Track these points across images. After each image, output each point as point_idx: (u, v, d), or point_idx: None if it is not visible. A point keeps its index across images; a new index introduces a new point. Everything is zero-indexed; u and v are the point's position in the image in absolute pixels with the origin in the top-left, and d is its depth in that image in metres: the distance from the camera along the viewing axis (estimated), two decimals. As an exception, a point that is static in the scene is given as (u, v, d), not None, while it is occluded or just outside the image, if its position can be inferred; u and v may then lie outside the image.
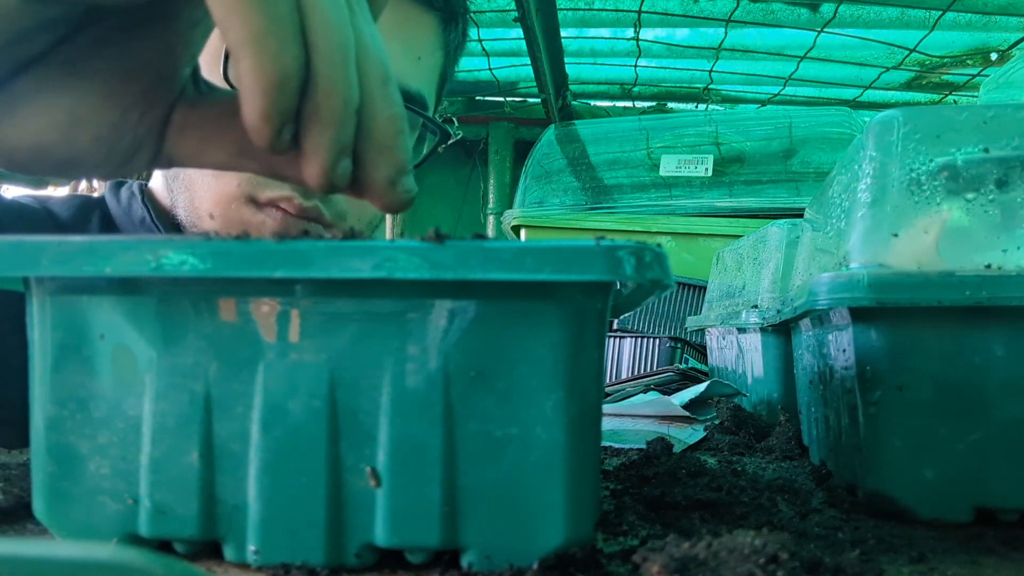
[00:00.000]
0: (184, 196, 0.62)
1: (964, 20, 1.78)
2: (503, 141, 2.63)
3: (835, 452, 0.48)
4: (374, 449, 0.30)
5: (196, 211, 0.61)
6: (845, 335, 0.42)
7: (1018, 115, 0.40)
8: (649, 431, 0.69)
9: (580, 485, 0.30)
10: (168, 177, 0.64)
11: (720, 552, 0.27)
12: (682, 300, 1.51)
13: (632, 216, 1.70)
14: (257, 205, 0.60)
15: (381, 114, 0.32)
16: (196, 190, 0.61)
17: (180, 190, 0.63)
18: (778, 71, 2.06)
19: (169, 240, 0.29)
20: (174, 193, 0.64)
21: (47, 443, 0.31)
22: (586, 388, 0.30)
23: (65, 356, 0.31)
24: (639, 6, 1.72)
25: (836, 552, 0.33)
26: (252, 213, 0.59)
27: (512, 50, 2.00)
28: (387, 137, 0.33)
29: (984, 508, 0.39)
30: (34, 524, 0.35)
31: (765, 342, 0.75)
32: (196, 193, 0.61)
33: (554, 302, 0.30)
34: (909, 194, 0.41)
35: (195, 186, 0.61)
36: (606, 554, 0.32)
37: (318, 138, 0.31)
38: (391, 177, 0.33)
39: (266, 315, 0.30)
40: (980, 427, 0.39)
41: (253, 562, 0.31)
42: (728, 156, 1.84)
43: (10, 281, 0.31)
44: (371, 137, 0.32)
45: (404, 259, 0.28)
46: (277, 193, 0.59)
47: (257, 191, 0.59)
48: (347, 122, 0.31)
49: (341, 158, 0.32)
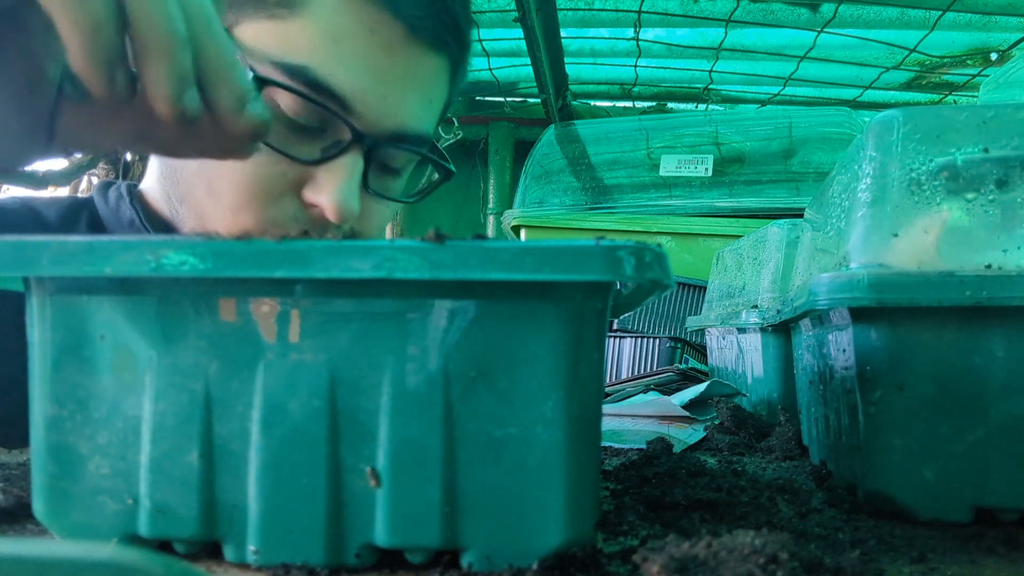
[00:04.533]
0: (194, 222, 0.61)
1: (964, 20, 1.78)
2: (503, 141, 2.63)
3: (835, 452, 0.48)
4: (374, 449, 0.30)
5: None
6: (845, 335, 0.42)
7: (1018, 115, 0.40)
8: (649, 431, 0.69)
9: (580, 485, 0.30)
10: (172, 197, 0.64)
11: (720, 552, 0.27)
12: (682, 300, 1.51)
13: (632, 216, 1.70)
14: None
15: (210, 47, 0.36)
16: (209, 221, 0.60)
17: (189, 215, 0.62)
18: (778, 71, 2.06)
19: (169, 240, 0.29)
20: (180, 215, 0.63)
21: (47, 443, 0.31)
22: (586, 388, 0.30)
23: (65, 356, 0.31)
24: (639, 6, 1.72)
25: (836, 552, 0.33)
26: None
27: (512, 50, 2.00)
28: (221, 67, 0.36)
29: (984, 508, 0.39)
30: (34, 524, 0.35)
31: (765, 342, 0.75)
32: (209, 223, 0.60)
33: (554, 302, 0.30)
34: (909, 194, 0.41)
35: (208, 217, 0.60)
36: (606, 554, 0.32)
37: (153, 72, 0.34)
38: (235, 103, 0.37)
39: (266, 315, 0.30)
40: (980, 427, 0.39)
41: (253, 562, 0.31)
42: (728, 156, 1.84)
43: (10, 281, 0.31)
44: (206, 69, 0.36)
45: (404, 259, 0.28)
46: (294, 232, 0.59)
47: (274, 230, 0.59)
48: (178, 52, 0.34)
49: (184, 87, 0.35)
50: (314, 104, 0.56)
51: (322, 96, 0.56)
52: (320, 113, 0.57)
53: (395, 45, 0.58)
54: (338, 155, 0.58)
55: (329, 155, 0.58)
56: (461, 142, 2.20)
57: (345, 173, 0.57)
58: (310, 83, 0.56)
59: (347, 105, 0.57)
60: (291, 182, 0.58)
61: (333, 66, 0.56)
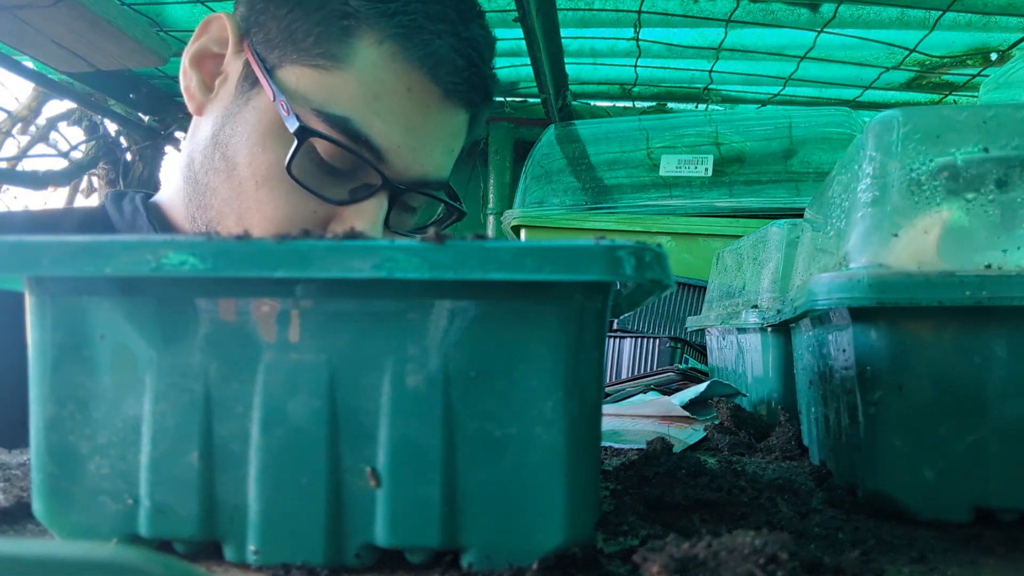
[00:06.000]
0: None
1: (964, 20, 1.78)
2: (503, 141, 2.63)
3: (835, 452, 0.48)
4: (374, 449, 0.30)
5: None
6: (845, 335, 0.42)
7: (1018, 115, 0.40)
8: (649, 431, 0.69)
9: (580, 485, 0.30)
10: (199, 220, 0.65)
11: (720, 552, 0.27)
12: (682, 300, 1.51)
13: (632, 216, 1.70)
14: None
15: None
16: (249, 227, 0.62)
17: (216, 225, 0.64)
18: (778, 71, 2.05)
19: (169, 240, 0.29)
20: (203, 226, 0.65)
21: (47, 443, 0.31)
22: (586, 388, 0.30)
23: (65, 356, 0.31)
24: (639, 6, 1.71)
25: (836, 552, 0.33)
26: None
27: (512, 50, 2.00)
28: None
29: (984, 508, 0.39)
30: (34, 524, 0.35)
31: (765, 342, 0.75)
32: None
33: (554, 302, 0.30)
34: (909, 194, 0.41)
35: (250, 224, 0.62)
36: (606, 554, 0.32)
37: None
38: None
39: (266, 315, 0.30)
40: (980, 427, 0.39)
41: (253, 562, 0.31)
42: (728, 156, 1.84)
43: (10, 281, 0.31)
44: None
45: (404, 259, 0.28)
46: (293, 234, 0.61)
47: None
48: None
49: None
50: (351, 153, 0.60)
51: (359, 146, 0.60)
52: (354, 160, 0.61)
53: (431, 105, 0.63)
54: (366, 198, 0.62)
55: (358, 197, 0.62)
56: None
57: (371, 215, 0.62)
58: (350, 133, 0.60)
59: (381, 156, 0.61)
60: (320, 220, 0.62)
61: (372, 119, 0.60)
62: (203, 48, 0.65)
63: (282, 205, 0.60)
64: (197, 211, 0.65)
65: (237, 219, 0.62)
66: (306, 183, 0.59)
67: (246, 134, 0.61)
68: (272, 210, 0.61)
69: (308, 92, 0.60)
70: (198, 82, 0.66)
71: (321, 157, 0.60)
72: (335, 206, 0.61)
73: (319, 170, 0.61)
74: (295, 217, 0.61)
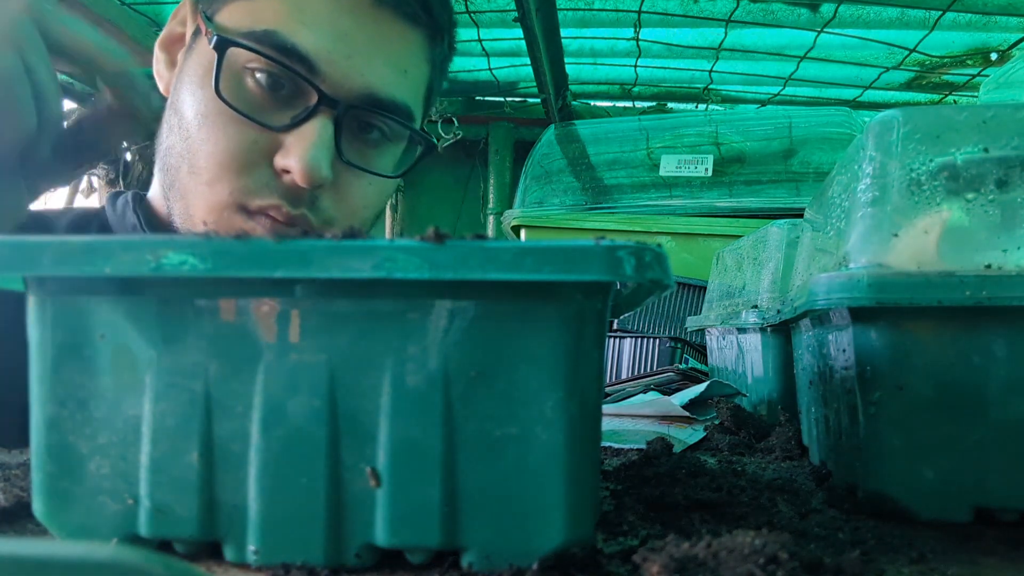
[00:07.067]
0: (179, 204, 0.63)
1: (964, 20, 1.78)
2: (503, 141, 2.63)
3: (835, 452, 0.48)
4: (374, 449, 0.30)
5: (191, 219, 0.63)
6: (845, 335, 0.42)
7: (1018, 115, 0.40)
8: (649, 431, 0.69)
9: (580, 485, 0.30)
10: (164, 186, 0.65)
11: (720, 552, 0.27)
12: (682, 300, 1.51)
13: (632, 216, 1.70)
14: (248, 213, 0.61)
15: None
16: (190, 199, 0.62)
17: (175, 199, 0.64)
18: (778, 71, 2.06)
19: (169, 240, 0.29)
20: (170, 202, 0.65)
21: (47, 443, 0.31)
22: (586, 388, 0.30)
23: (65, 356, 0.31)
24: (639, 6, 1.72)
25: (836, 552, 0.33)
26: (243, 220, 0.61)
27: (512, 50, 2.00)
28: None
29: (984, 508, 0.39)
30: (34, 524, 0.35)
31: (765, 342, 0.75)
32: (190, 201, 0.62)
33: (554, 302, 0.30)
34: (909, 194, 0.41)
35: (189, 195, 0.62)
36: (606, 554, 0.32)
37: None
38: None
39: (266, 315, 0.30)
40: (980, 427, 0.39)
41: (253, 562, 0.31)
42: (728, 156, 1.84)
43: (10, 281, 0.31)
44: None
45: (404, 259, 0.28)
46: (266, 201, 0.61)
47: (247, 199, 0.61)
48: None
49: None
50: (280, 66, 0.58)
51: (288, 58, 0.58)
52: (290, 79, 0.59)
53: (358, 9, 0.61)
54: (306, 119, 0.59)
55: (298, 120, 0.59)
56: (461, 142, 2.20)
57: (313, 136, 0.59)
58: (276, 45, 0.58)
59: (312, 66, 0.59)
60: (263, 151, 0.60)
61: (298, 28, 0.59)
62: (169, 31, 0.66)
63: (222, 138, 0.59)
64: (164, 177, 0.65)
65: (189, 167, 0.61)
66: (244, 111, 0.58)
67: (188, 80, 0.61)
68: (212, 145, 0.59)
69: (239, 23, 0.59)
70: (165, 62, 0.66)
71: (257, 81, 0.59)
72: (277, 134, 0.59)
73: (257, 98, 0.59)
74: (235, 150, 0.59)
